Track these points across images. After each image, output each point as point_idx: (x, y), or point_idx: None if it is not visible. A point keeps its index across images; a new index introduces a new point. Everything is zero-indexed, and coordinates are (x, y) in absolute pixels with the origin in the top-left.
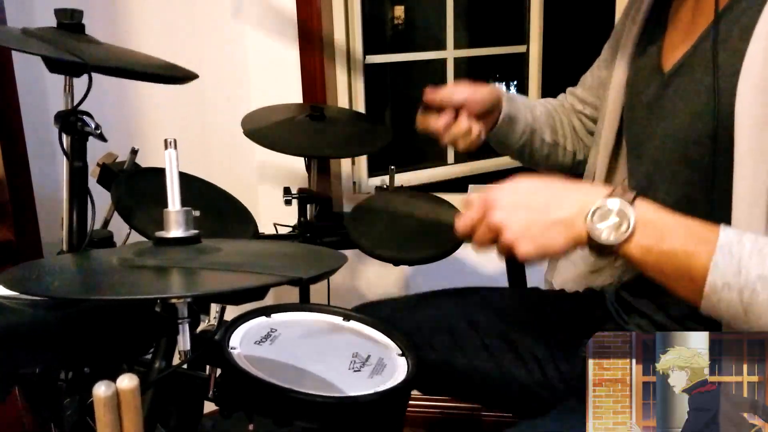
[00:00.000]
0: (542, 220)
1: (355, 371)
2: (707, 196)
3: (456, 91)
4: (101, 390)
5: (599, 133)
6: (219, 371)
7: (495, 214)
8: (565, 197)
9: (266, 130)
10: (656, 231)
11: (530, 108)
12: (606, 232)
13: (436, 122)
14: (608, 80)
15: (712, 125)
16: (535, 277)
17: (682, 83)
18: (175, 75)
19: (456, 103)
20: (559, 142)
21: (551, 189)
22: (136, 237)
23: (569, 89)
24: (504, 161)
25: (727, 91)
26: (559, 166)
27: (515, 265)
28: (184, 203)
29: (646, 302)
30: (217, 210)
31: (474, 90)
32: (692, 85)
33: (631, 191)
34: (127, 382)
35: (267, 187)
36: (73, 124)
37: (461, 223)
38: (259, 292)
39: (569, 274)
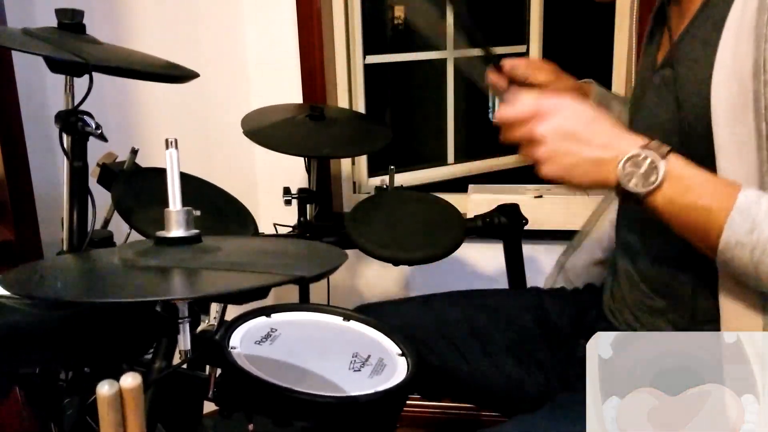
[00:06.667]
0: (579, 153)
1: (355, 371)
2: None
3: (540, 71)
4: (105, 389)
5: None
6: (219, 371)
7: (540, 127)
8: (607, 139)
9: (266, 130)
10: (682, 185)
11: (622, 101)
12: (635, 181)
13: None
14: None
15: (691, 115)
16: (534, 278)
17: (663, 77)
18: (175, 74)
19: (536, 83)
20: None
21: (598, 126)
22: (136, 237)
23: None
24: (504, 161)
25: (704, 82)
26: None
27: (515, 266)
28: (184, 203)
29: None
30: (218, 210)
31: (558, 78)
32: (670, 79)
33: (666, 146)
34: (131, 380)
35: (267, 187)
36: (74, 124)
37: (502, 114)
38: (261, 292)
39: (580, 262)
